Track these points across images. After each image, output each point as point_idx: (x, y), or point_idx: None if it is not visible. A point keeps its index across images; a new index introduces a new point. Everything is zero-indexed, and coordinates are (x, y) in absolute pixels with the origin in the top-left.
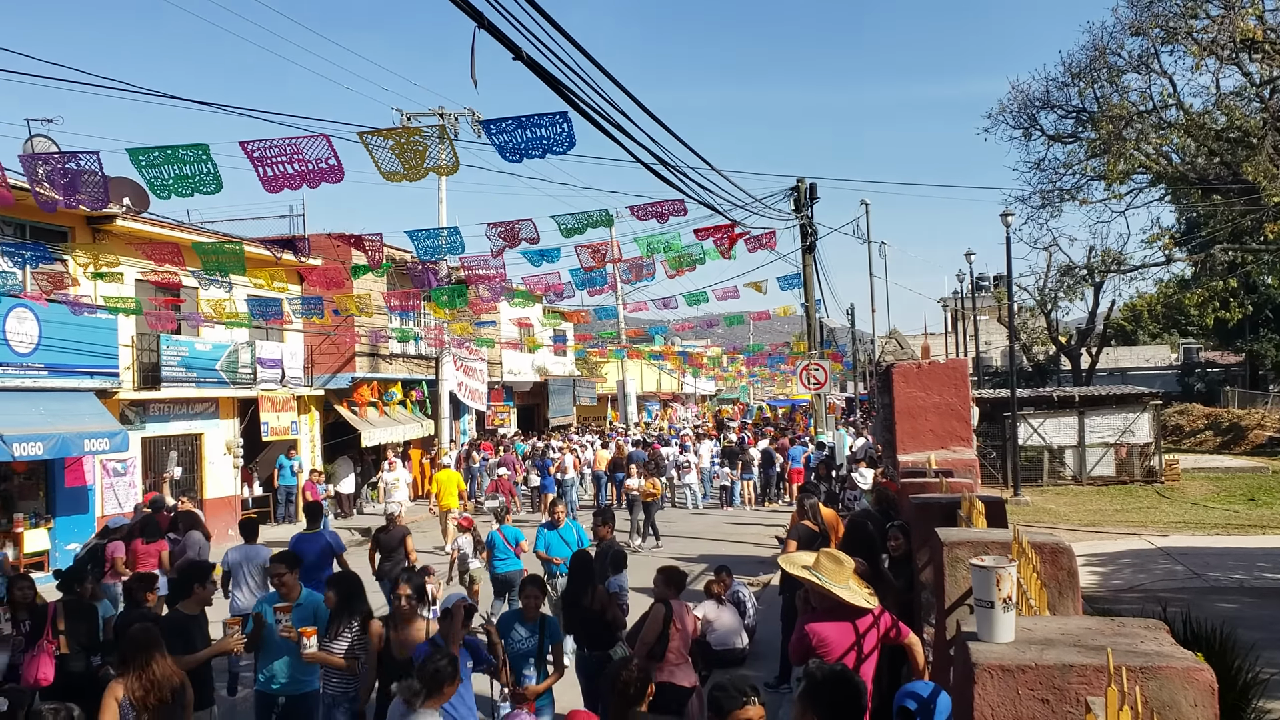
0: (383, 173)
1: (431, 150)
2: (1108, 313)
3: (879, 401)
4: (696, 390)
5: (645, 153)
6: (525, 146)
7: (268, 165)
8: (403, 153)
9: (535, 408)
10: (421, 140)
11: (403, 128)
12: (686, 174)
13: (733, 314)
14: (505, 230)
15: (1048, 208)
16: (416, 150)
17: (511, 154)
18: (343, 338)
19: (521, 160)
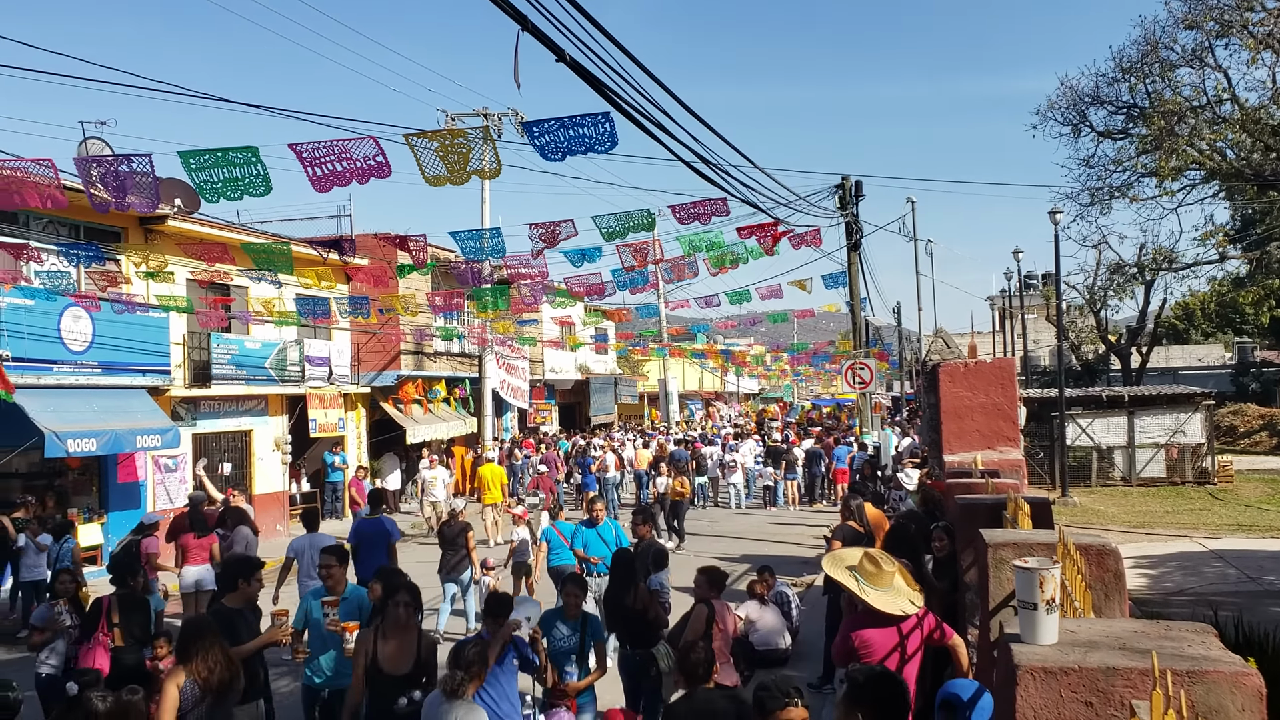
0: (426, 177)
1: (475, 152)
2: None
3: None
4: (739, 389)
5: (687, 151)
6: (568, 145)
7: (316, 165)
8: (447, 155)
9: (577, 405)
10: (465, 142)
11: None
12: (729, 172)
13: (777, 312)
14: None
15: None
16: (460, 153)
17: (553, 153)
18: (388, 336)
19: (564, 158)
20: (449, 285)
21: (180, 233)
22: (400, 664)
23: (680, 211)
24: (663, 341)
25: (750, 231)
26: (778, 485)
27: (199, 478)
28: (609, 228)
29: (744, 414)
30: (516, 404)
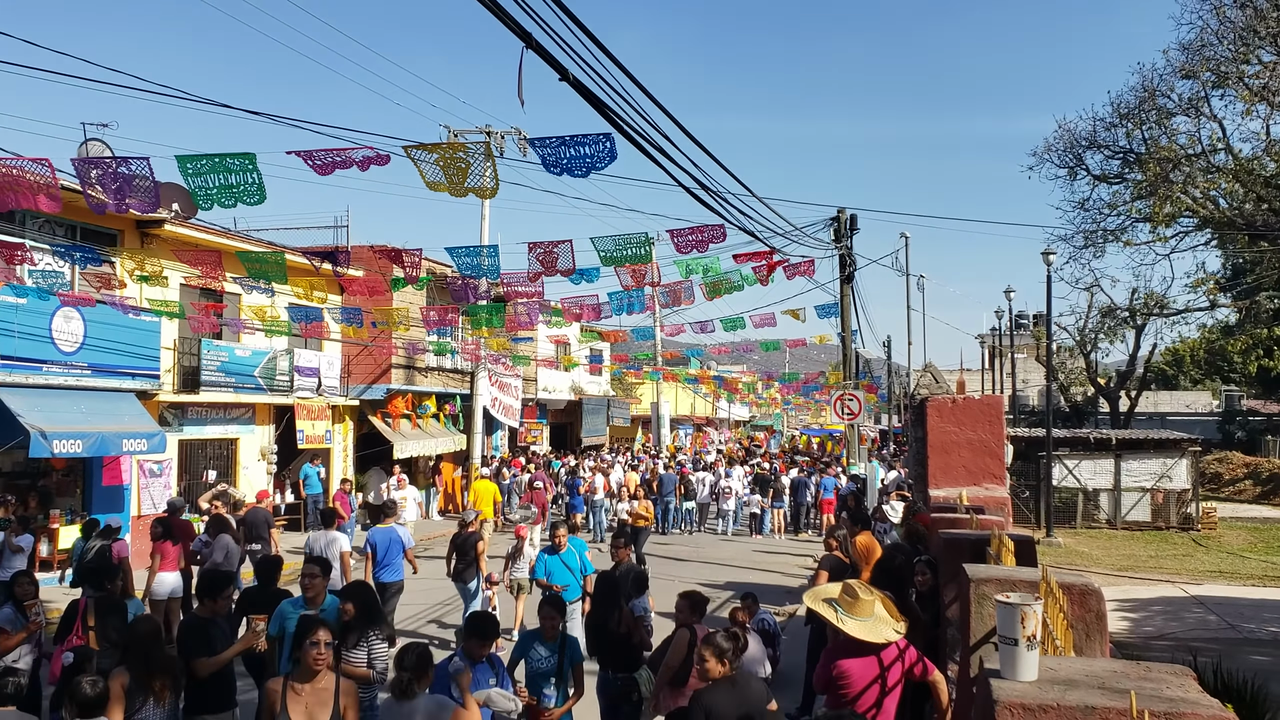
0: (426, 181)
1: (475, 168)
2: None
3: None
4: (730, 415)
5: (687, 177)
6: (569, 163)
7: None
8: (447, 167)
9: (568, 426)
10: (465, 157)
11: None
12: (727, 200)
13: (769, 340)
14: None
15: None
16: (460, 167)
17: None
18: (380, 349)
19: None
20: (444, 300)
21: (176, 237)
22: (319, 712)
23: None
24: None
25: (746, 259)
26: (765, 513)
27: (223, 488)
28: (607, 251)
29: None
30: (508, 422)
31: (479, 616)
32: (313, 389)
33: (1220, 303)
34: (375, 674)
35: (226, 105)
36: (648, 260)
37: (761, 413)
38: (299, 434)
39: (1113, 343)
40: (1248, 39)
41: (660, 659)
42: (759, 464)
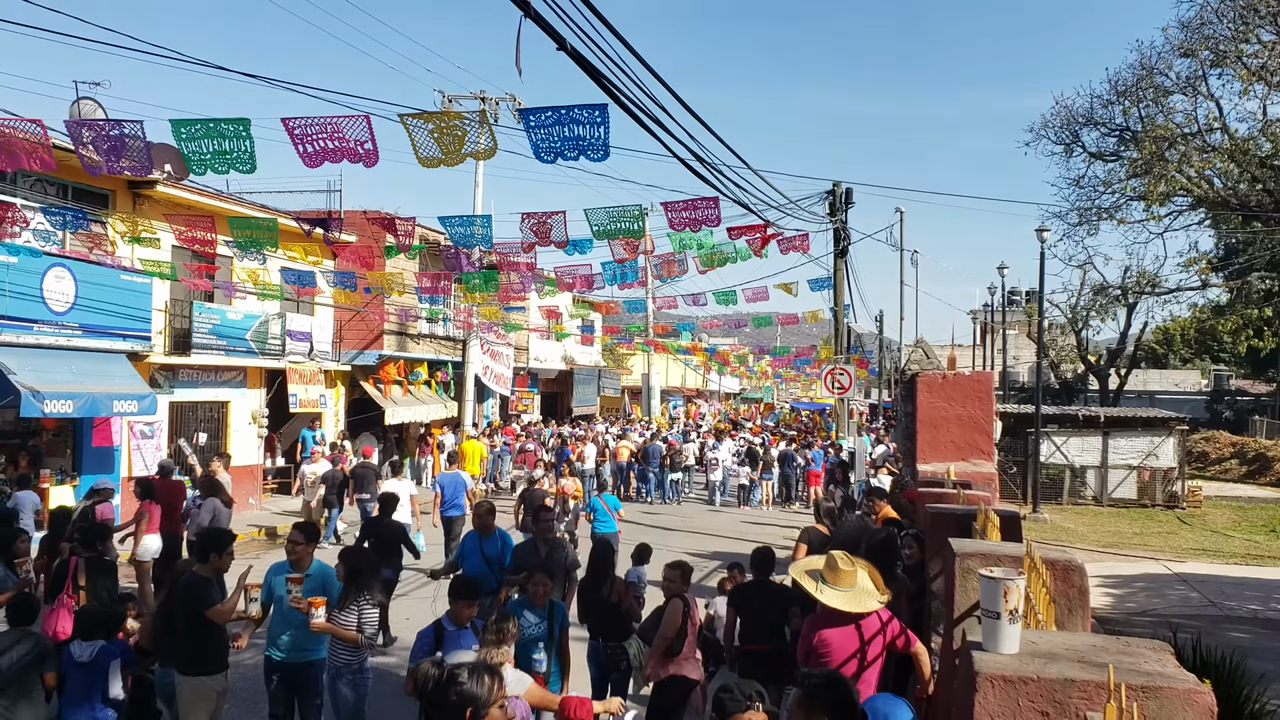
0: (420, 159)
1: (470, 135)
2: (1139, 335)
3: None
4: (721, 388)
5: (682, 149)
6: (561, 147)
7: (308, 142)
8: (442, 137)
9: (559, 395)
10: (461, 125)
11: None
12: (722, 172)
13: (762, 314)
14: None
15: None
16: (456, 135)
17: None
18: (372, 315)
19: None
20: (436, 267)
21: (168, 199)
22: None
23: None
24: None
25: (740, 232)
26: (753, 485)
27: (180, 450)
28: (601, 224)
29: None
30: (499, 391)
31: (461, 580)
32: (305, 353)
33: (1212, 283)
34: (364, 638)
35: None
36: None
37: (752, 385)
38: (291, 398)
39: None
40: (1247, 18)
41: (651, 629)
42: (747, 437)
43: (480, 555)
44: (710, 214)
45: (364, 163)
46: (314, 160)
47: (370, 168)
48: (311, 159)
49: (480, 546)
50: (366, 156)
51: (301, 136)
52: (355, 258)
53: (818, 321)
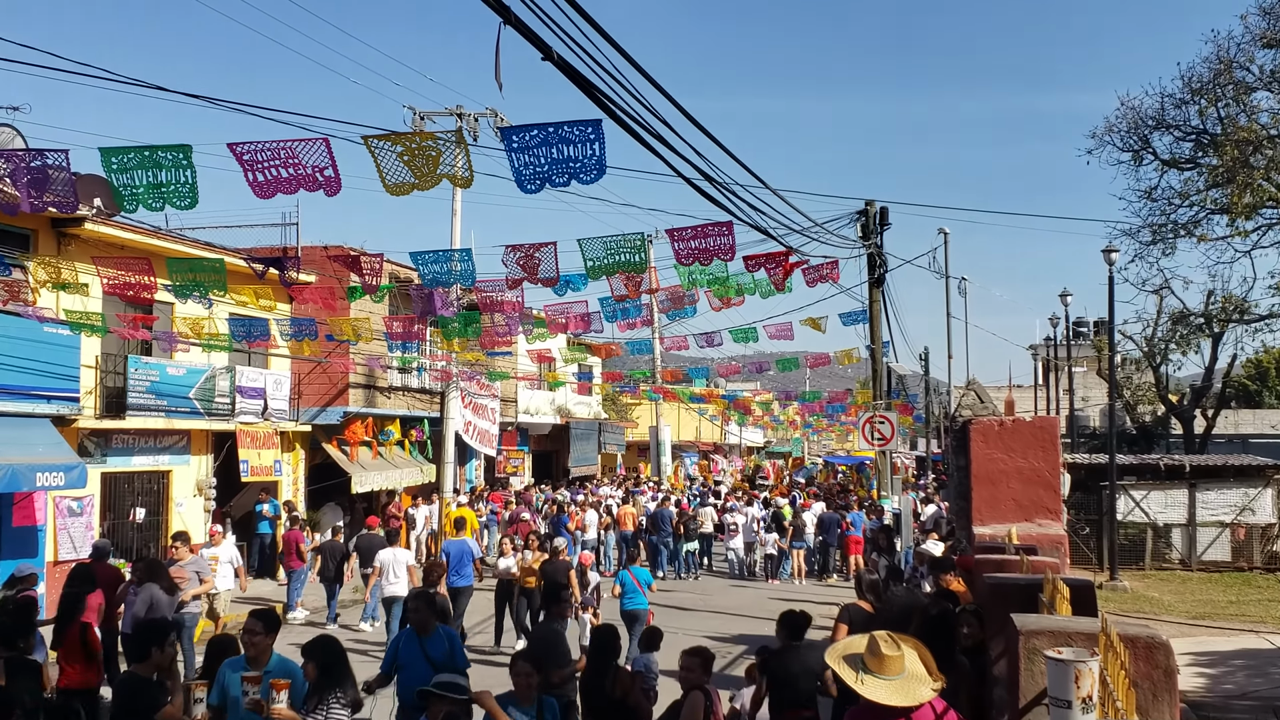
0: (387, 185)
1: (446, 156)
2: (1228, 369)
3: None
4: (742, 441)
5: (689, 167)
6: (549, 171)
7: (259, 169)
8: (413, 160)
9: (554, 454)
10: (435, 145)
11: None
12: (735, 192)
13: (787, 355)
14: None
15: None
16: (429, 157)
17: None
18: (335, 366)
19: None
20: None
21: (98, 238)
22: None
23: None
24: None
25: (759, 262)
26: (783, 555)
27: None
28: (597, 258)
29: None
30: (484, 450)
31: (421, 697)
32: (258, 413)
33: None
34: None
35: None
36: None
37: (779, 438)
38: (242, 465)
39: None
40: None
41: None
42: (770, 497)
43: (424, 660)
44: (723, 241)
45: (324, 191)
46: (266, 190)
47: (331, 197)
48: (263, 189)
49: (423, 649)
50: (327, 184)
51: (251, 163)
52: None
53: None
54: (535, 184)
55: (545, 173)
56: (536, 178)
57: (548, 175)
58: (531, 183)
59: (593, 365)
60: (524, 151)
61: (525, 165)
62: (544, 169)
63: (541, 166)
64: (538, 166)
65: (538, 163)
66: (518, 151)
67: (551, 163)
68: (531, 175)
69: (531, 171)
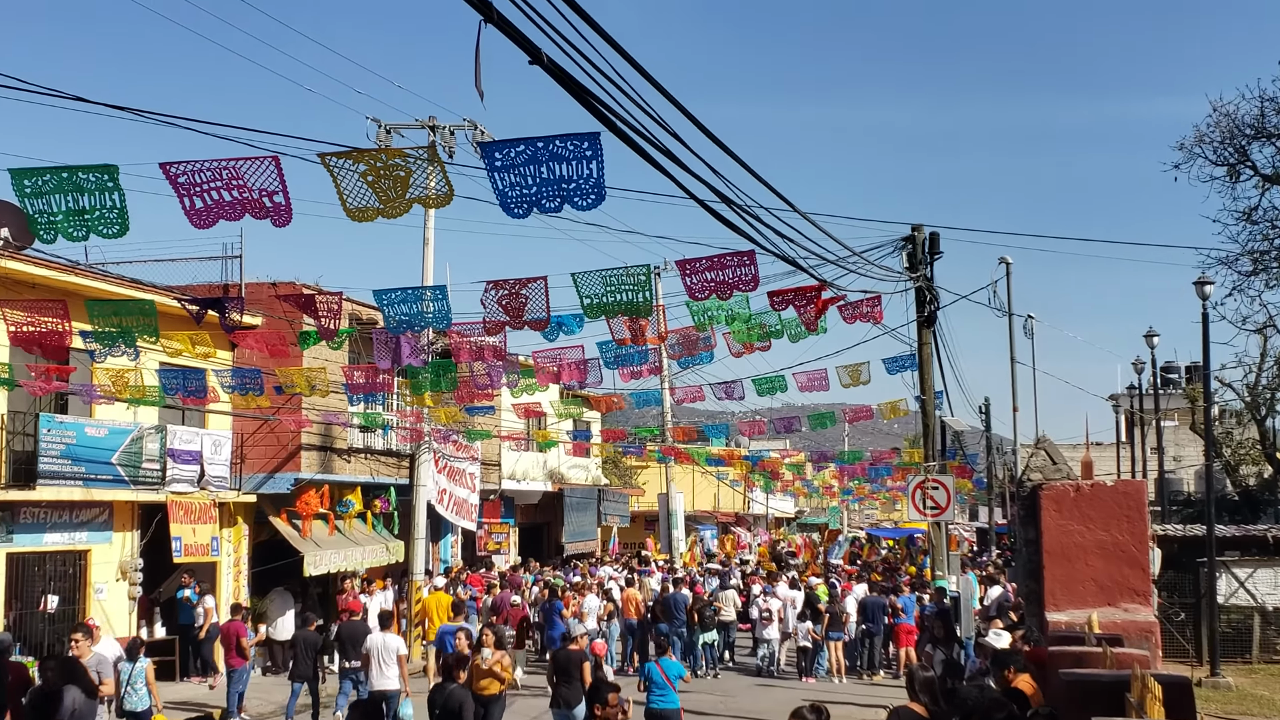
0: (349, 210)
1: (417, 177)
2: None
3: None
4: (769, 511)
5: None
6: (538, 193)
7: (197, 193)
8: (378, 181)
9: (545, 528)
10: (404, 164)
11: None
12: (758, 216)
13: (821, 409)
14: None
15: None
16: (397, 177)
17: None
18: (285, 425)
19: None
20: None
21: (5, 275)
22: None
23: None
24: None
25: (787, 298)
26: (818, 647)
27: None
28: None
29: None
30: (461, 524)
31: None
32: (193, 480)
33: None
34: None
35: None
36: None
37: (812, 506)
38: (174, 543)
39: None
40: None
41: None
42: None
43: None
44: (744, 274)
45: (273, 220)
46: (205, 218)
47: (282, 226)
48: (202, 216)
49: None
50: (276, 211)
51: (188, 186)
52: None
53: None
54: (522, 207)
55: (533, 195)
56: (523, 201)
57: (536, 198)
58: (519, 206)
59: (590, 422)
60: (509, 170)
61: (511, 186)
62: (532, 191)
63: (529, 188)
64: (525, 188)
65: (524, 184)
66: (501, 170)
67: (541, 184)
68: (518, 198)
69: (518, 194)
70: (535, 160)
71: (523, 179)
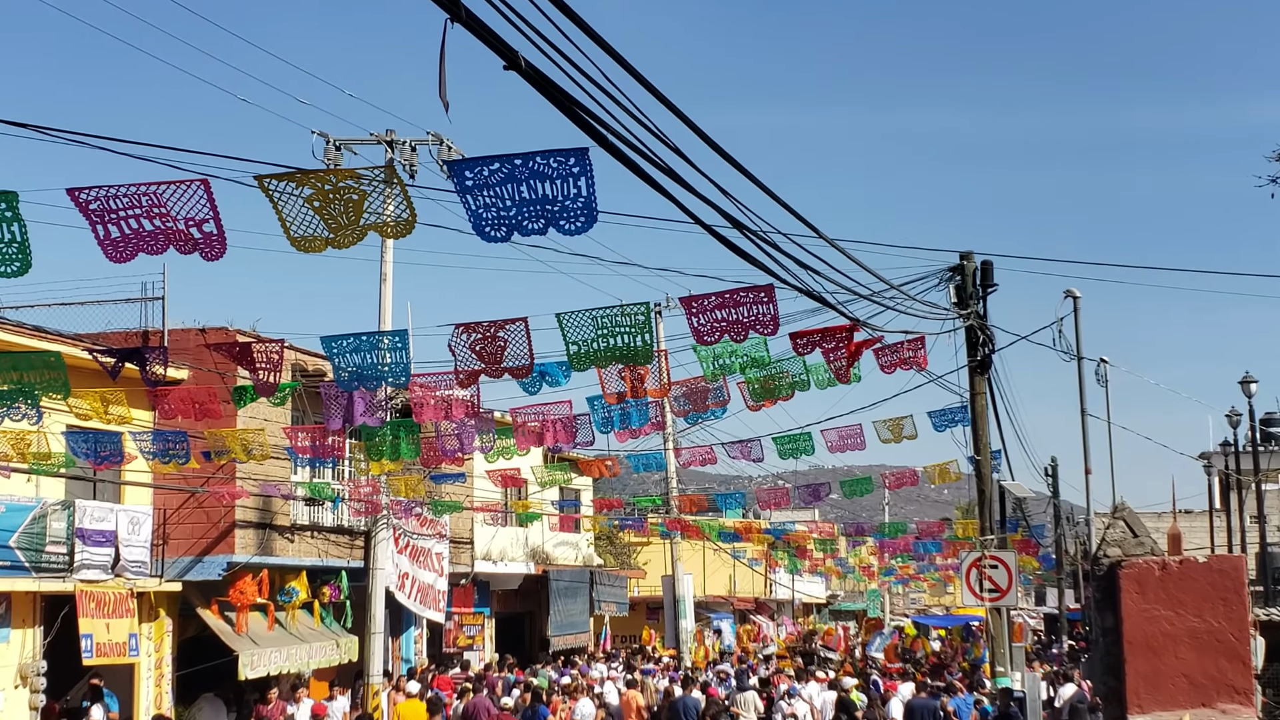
0: (293, 240)
1: (373, 200)
2: None
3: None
4: (795, 596)
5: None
6: (517, 216)
7: (112, 222)
8: (327, 205)
9: (527, 618)
10: (357, 186)
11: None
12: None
13: (856, 473)
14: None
15: None
16: (349, 201)
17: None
18: (216, 498)
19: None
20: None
21: None
22: None
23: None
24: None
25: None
26: None
27: None
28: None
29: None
30: (426, 614)
31: None
32: (106, 566)
33: None
34: None
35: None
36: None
37: (847, 590)
38: (84, 641)
39: None
40: None
41: None
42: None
43: None
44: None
45: (202, 253)
46: (123, 251)
47: (213, 260)
48: (119, 249)
49: None
50: (206, 243)
51: (102, 214)
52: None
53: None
54: (500, 230)
55: (513, 218)
56: (501, 223)
57: (516, 220)
58: (495, 228)
59: (580, 490)
60: (482, 190)
61: (485, 207)
62: (510, 213)
63: (507, 210)
64: (502, 209)
65: (501, 204)
66: (473, 191)
67: (521, 205)
68: (494, 219)
69: (494, 215)
70: (513, 179)
71: (499, 199)
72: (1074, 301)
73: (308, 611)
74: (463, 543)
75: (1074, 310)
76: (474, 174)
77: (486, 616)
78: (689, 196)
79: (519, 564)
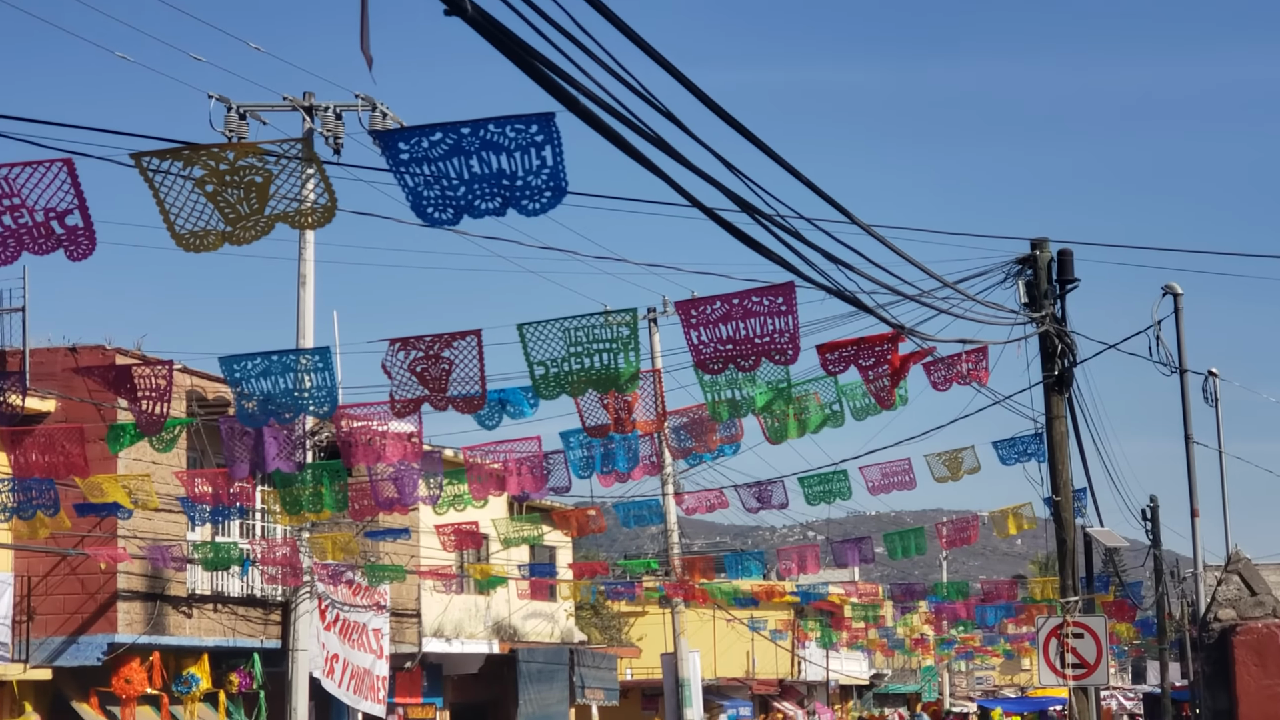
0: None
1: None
2: None
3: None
4: (830, 676)
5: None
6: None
7: None
8: (223, 190)
9: (489, 708)
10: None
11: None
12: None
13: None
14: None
15: None
16: (252, 184)
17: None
18: (93, 562)
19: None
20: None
21: None
22: None
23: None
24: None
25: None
26: None
27: None
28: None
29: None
30: (362, 707)
31: None
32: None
33: None
34: None
35: None
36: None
37: (896, 667)
38: None
39: None
40: None
41: None
42: None
43: None
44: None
45: (67, 251)
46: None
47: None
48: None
49: None
50: (71, 239)
51: None
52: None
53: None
54: (446, 211)
55: (461, 197)
56: (447, 203)
57: (466, 200)
58: (440, 209)
59: (556, 549)
60: (422, 164)
61: (426, 185)
62: (457, 192)
63: (453, 187)
64: (447, 187)
65: (446, 181)
66: (410, 165)
67: (471, 182)
68: (438, 199)
69: (438, 194)
70: (459, 152)
71: (443, 175)
72: (1175, 300)
73: (211, 705)
74: (407, 616)
75: (1175, 311)
76: (410, 146)
77: (439, 708)
78: (685, 173)
79: (479, 642)
